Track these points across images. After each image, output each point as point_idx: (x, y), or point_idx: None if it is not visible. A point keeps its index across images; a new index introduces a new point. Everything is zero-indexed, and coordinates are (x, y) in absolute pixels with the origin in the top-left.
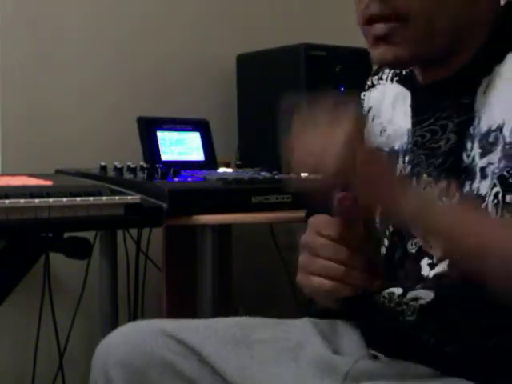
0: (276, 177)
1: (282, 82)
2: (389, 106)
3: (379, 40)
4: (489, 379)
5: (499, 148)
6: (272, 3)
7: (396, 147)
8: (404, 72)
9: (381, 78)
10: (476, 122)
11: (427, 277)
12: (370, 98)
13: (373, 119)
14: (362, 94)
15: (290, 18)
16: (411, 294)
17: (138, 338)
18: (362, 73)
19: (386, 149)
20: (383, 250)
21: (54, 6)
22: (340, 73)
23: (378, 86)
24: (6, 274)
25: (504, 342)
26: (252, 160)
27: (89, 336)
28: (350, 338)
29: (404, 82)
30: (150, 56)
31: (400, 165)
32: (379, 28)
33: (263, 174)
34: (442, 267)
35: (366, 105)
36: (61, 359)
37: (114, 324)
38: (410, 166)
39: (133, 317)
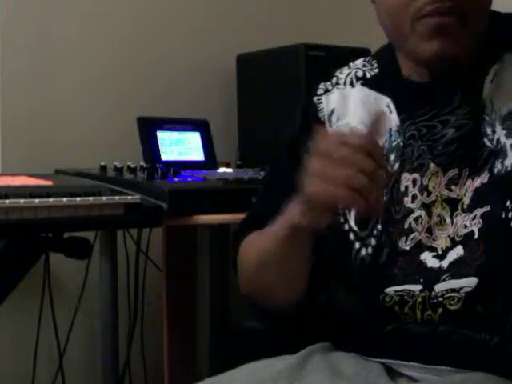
0: None
1: (282, 82)
2: (357, 108)
3: (437, 31)
4: None
5: None
6: (272, 3)
7: None
8: (369, 75)
9: (337, 83)
10: (489, 108)
11: (440, 267)
12: (329, 101)
13: (337, 120)
14: (316, 98)
15: (290, 18)
16: (442, 286)
17: None
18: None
19: None
20: (369, 251)
21: (55, 5)
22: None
23: (335, 90)
24: (6, 274)
25: None
26: (252, 160)
27: (89, 336)
28: (351, 363)
29: (373, 84)
30: (149, 56)
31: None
32: (445, 19)
33: (263, 174)
34: (455, 254)
35: (325, 107)
36: (61, 359)
37: (114, 324)
38: (398, 163)
39: (133, 317)
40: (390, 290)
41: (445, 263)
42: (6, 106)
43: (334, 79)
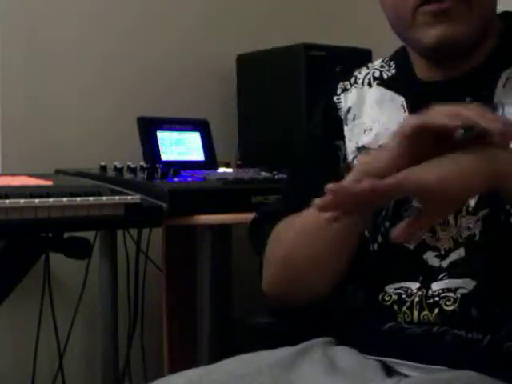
0: (276, 177)
1: (282, 82)
2: (373, 107)
3: (438, 18)
4: None
5: None
6: (272, 3)
7: None
8: (386, 76)
9: (355, 82)
10: (499, 112)
11: (440, 266)
12: (347, 99)
13: (353, 119)
14: (336, 97)
15: (290, 18)
16: (438, 285)
17: None
18: None
19: (374, 146)
20: (375, 247)
21: (54, 6)
22: (340, 73)
23: (353, 90)
24: (6, 274)
25: None
26: (252, 160)
27: (89, 336)
28: (346, 356)
29: (389, 84)
30: (150, 56)
31: None
32: (444, 3)
33: (263, 173)
34: (456, 255)
35: (343, 105)
36: (61, 359)
37: (114, 324)
38: None
39: (133, 317)
40: (389, 287)
41: (445, 263)
42: (6, 106)
43: (353, 79)
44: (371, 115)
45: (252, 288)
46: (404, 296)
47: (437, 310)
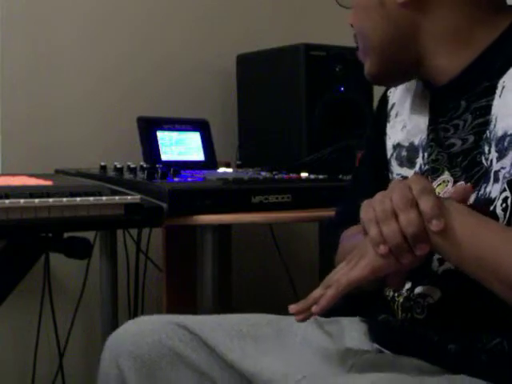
0: (276, 177)
1: (282, 82)
2: (410, 101)
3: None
4: (492, 378)
5: (511, 153)
6: (272, 3)
7: (416, 142)
8: None
9: None
10: (492, 125)
11: (436, 272)
12: (394, 94)
13: (396, 115)
14: (388, 91)
15: (290, 18)
16: (419, 290)
17: (148, 329)
18: (362, 73)
19: (406, 144)
20: None
21: (55, 6)
22: (340, 73)
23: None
24: (6, 274)
25: (508, 341)
26: (252, 160)
27: (89, 336)
28: (354, 335)
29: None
30: (150, 56)
31: (420, 160)
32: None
33: (263, 173)
34: (448, 264)
35: (390, 101)
36: (61, 359)
37: (114, 324)
38: (428, 162)
39: (133, 317)
40: None
41: (440, 269)
42: (7, 106)
43: None
44: (409, 111)
45: (252, 288)
46: (396, 295)
47: (409, 315)
